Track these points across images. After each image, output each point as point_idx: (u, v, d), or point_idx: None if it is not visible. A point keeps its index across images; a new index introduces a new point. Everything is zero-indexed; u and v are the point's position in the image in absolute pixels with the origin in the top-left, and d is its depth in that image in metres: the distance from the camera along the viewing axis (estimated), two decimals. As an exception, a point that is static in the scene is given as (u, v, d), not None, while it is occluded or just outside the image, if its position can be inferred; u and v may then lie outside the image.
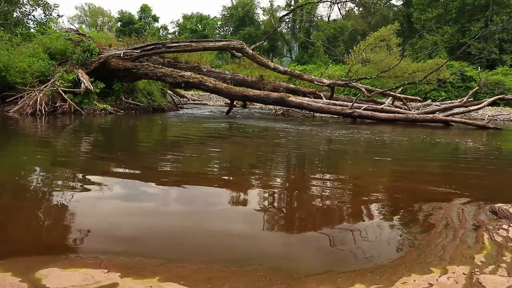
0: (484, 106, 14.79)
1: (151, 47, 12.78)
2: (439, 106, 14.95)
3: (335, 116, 13.66)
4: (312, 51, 36.56)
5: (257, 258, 2.01)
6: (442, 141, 8.17)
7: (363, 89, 14.48)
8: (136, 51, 12.68)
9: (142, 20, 46.85)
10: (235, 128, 9.78)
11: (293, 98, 12.59)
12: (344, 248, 2.18)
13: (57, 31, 14.49)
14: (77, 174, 3.92)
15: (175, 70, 13.04)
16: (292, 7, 32.77)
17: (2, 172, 4.01)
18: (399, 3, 40.22)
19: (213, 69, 15.60)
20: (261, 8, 49.70)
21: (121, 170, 4.16)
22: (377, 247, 2.22)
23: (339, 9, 45.18)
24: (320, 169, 4.68)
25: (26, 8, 17.02)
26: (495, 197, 3.37)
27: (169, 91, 17.89)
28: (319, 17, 42.74)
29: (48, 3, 17.89)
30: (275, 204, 3.13)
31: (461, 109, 14.34)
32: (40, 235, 2.29)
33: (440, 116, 12.70)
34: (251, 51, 13.82)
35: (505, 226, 2.42)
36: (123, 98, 13.23)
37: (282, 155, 5.86)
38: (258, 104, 18.44)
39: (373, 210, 2.96)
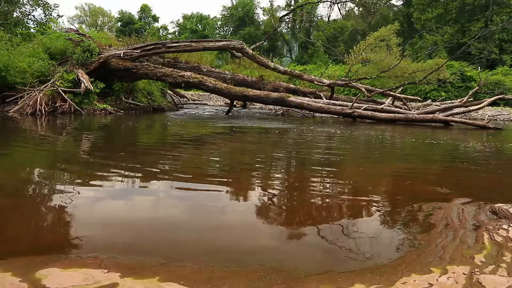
0: (484, 106, 14.78)
1: (151, 47, 12.78)
2: (439, 106, 14.95)
3: (335, 116, 13.66)
4: (312, 51, 36.56)
5: (257, 258, 2.01)
6: (442, 141, 8.16)
7: (363, 89, 14.47)
8: (136, 51, 12.68)
9: (142, 20, 46.83)
10: (235, 128, 9.78)
11: (293, 98, 12.59)
12: (344, 248, 2.18)
13: (57, 31, 14.50)
14: (77, 174, 3.92)
15: (175, 70, 13.04)
16: (292, 7, 32.77)
17: (2, 172, 4.01)
18: (399, 3, 40.26)
19: (213, 69, 15.59)
20: (261, 8, 49.77)
21: (121, 170, 4.16)
22: (377, 247, 2.22)
23: (339, 9, 45.24)
24: (320, 169, 4.68)
25: (26, 8, 17.07)
26: (495, 197, 3.37)
27: (169, 91, 17.90)
28: (319, 17, 42.77)
29: (48, 3, 17.93)
30: (275, 204, 3.13)
31: (461, 109, 14.33)
32: (40, 235, 2.29)
33: (440, 116, 12.70)
34: (251, 51, 13.82)
35: (505, 226, 2.42)
36: (123, 98, 13.23)
37: (283, 155, 5.86)
38: (258, 104, 18.43)
39: (373, 210, 2.96)
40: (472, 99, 15.29)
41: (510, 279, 1.75)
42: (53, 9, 18.24)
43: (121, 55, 12.42)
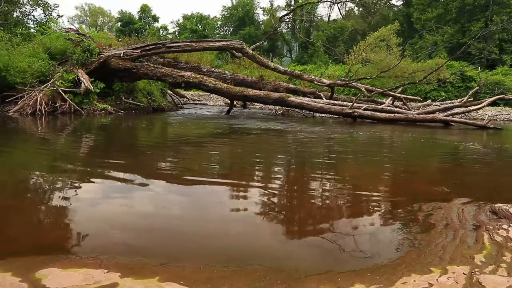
0: (484, 106, 14.77)
1: (151, 47, 12.77)
2: (439, 106, 14.93)
3: (335, 116, 13.66)
4: (312, 51, 36.54)
5: (257, 258, 2.01)
6: (442, 141, 8.17)
7: (363, 89, 14.47)
8: (136, 51, 12.68)
9: (142, 20, 46.79)
10: (235, 128, 9.78)
11: (293, 98, 12.58)
12: (344, 248, 2.18)
13: (57, 31, 14.49)
14: (77, 175, 3.92)
15: (175, 70, 13.03)
16: (292, 7, 32.76)
17: (2, 172, 4.01)
18: (399, 3, 40.23)
19: (213, 69, 15.59)
20: (261, 8, 49.75)
21: (121, 170, 4.16)
22: (377, 247, 2.22)
23: (339, 9, 45.21)
24: (320, 169, 4.68)
25: (26, 8, 17.06)
26: (495, 197, 3.37)
27: (169, 91, 17.89)
28: (319, 17, 42.75)
29: (48, 3, 17.92)
30: (275, 204, 3.13)
31: (461, 109, 14.32)
32: (40, 235, 2.29)
33: (440, 116, 12.69)
34: (251, 51, 13.81)
35: (505, 226, 2.42)
36: (123, 98, 13.22)
37: (283, 155, 5.85)
38: (258, 104, 18.42)
39: (373, 210, 2.96)
40: (472, 99, 15.28)
41: (510, 279, 1.75)
42: (53, 9, 18.24)
43: (121, 55, 12.41)
